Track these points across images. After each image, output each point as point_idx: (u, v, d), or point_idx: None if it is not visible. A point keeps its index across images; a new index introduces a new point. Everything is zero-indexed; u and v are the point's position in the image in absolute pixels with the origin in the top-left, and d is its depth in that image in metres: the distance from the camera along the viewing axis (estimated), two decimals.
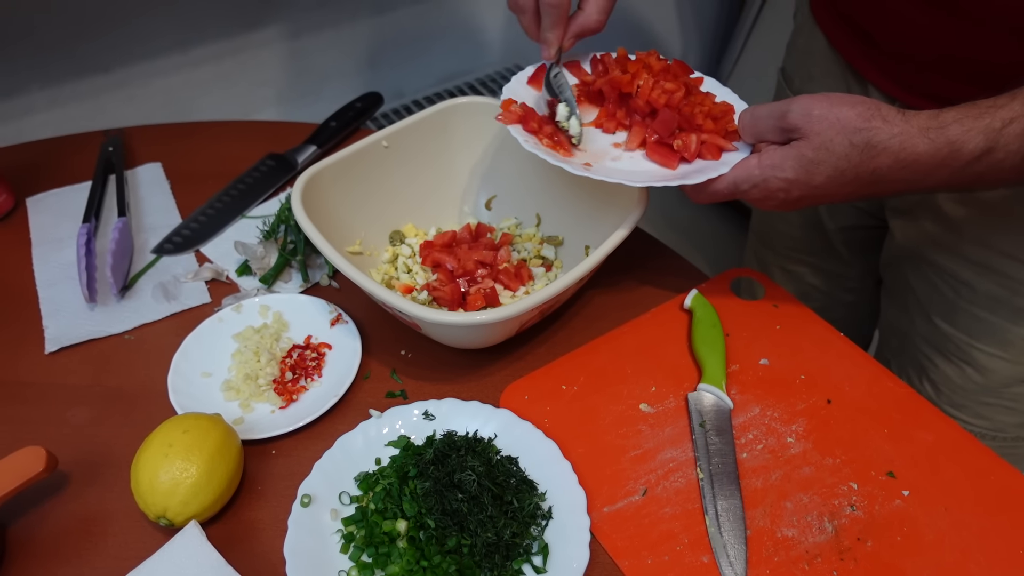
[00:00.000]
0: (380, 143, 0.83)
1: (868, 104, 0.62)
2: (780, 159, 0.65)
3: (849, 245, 1.05)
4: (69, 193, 0.99)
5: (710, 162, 0.72)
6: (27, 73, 1.24)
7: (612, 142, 0.77)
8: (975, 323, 0.84)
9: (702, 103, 0.75)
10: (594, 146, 0.76)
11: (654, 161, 0.74)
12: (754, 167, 0.67)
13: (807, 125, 0.63)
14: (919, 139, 0.59)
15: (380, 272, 0.85)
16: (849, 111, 0.61)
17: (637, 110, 0.76)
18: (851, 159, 0.61)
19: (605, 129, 0.78)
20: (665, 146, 0.73)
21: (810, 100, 0.63)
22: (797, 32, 1.00)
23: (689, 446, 0.69)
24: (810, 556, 0.61)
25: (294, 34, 1.49)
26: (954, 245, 0.83)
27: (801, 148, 0.63)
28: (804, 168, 0.63)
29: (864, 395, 0.73)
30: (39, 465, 0.62)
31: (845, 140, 0.61)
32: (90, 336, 0.80)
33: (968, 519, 0.64)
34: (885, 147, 0.60)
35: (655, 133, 0.74)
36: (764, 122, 0.67)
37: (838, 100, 0.62)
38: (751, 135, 0.70)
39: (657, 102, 0.74)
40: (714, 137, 0.72)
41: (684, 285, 0.83)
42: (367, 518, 0.62)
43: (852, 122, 0.61)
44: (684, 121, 0.73)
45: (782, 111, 0.65)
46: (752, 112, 0.70)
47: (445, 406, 0.71)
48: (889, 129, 0.60)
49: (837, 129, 0.61)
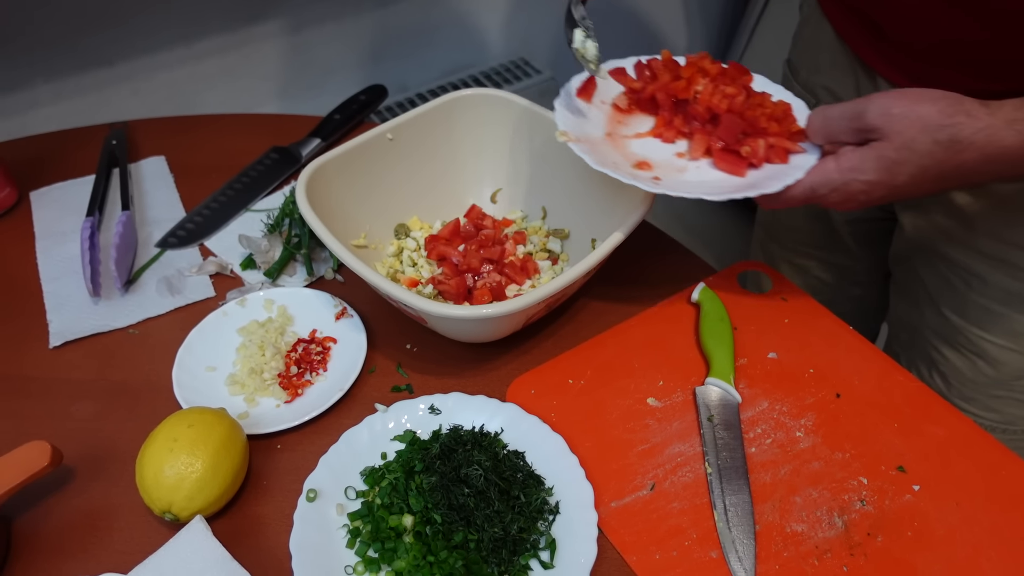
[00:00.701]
0: (385, 136, 0.83)
1: (950, 99, 0.59)
2: (860, 161, 0.62)
3: (857, 238, 1.04)
4: (73, 187, 0.99)
5: (779, 166, 0.69)
6: (31, 67, 1.24)
7: (674, 152, 0.74)
8: (986, 315, 0.83)
9: (763, 105, 0.72)
10: (657, 157, 0.73)
11: (721, 169, 0.71)
12: (832, 171, 0.64)
13: (887, 124, 0.60)
14: (1005, 132, 0.57)
15: (385, 266, 0.84)
16: (931, 107, 0.59)
17: (696, 116, 0.74)
18: (935, 156, 0.59)
19: (664, 138, 0.75)
20: (732, 153, 0.71)
21: (888, 98, 0.61)
22: (803, 23, 0.99)
23: (697, 440, 0.69)
24: (820, 551, 0.61)
25: (297, 27, 1.49)
26: (966, 238, 0.82)
27: (882, 149, 0.61)
28: (887, 169, 0.61)
29: (874, 389, 0.72)
30: (44, 460, 0.62)
31: (928, 138, 0.59)
32: (94, 330, 0.80)
33: (979, 514, 0.63)
34: (971, 142, 0.58)
35: (720, 140, 0.71)
36: (837, 123, 0.65)
37: (917, 96, 0.60)
38: (822, 137, 0.68)
39: (719, 107, 0.72)
40: (780, 140, 0.70)
41: (691, 278, 0.83)
42: (373, 513, 0.62)
43: (935, 119, 0.59)
44: (748, 126, 0.71)
45: (858, 111, 0.62)
46: (824, 113, 0.67)
47: (451, 400, 0.70)
48: (974, 124, 0.58)
49: (920, 127, 0.59)
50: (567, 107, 0.76)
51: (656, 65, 0.78)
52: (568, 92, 0.77)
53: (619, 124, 0.77)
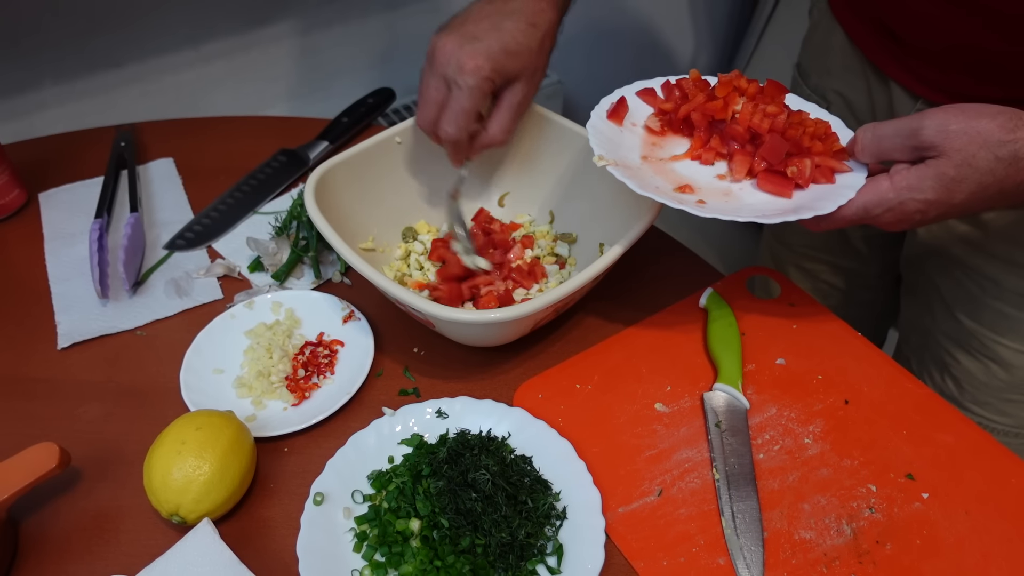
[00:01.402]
0: (393, 139, 0.83)
1: (1009, 114, 0.57)
2: (917, 179, 0.60)
3: (868, 242, 1.03)
4: (81, 188, 0.99)
5: (825, 187, 0.67)
6: (39, 69, 1.25)
7: (714, 174, 0.72)
8: (1000, 319, 0.83)
9: (804, 124, 0.70)
10: (697, 179, 0.71)
11: (767, 191, 0.69)
12: (887, 190, 0.62)
13: (945, 142, 0.58)
14: None
15: (393, 269, 0.84)
16: (990, 123, 0.57)
17: (736, 137, 0.71)
18: (996, 174, 0.57)
19: (703, 160, 0.73)
20: (777, 174, 0.69)
21: (945, 114, 0.59)
22: (814, 27, 0.99)
23: (705, 446, 0.69)
24: (828, 559, 0.60)
25: (306, 30, 1.49)
26: (980, 241, 0.81)
27: (940, 166, 0.59)
28: (945, 187, 0.59)
29: (882, 396, 0.72)
30: (52, 461, 0.62)
31: (990, 154, 0.57)
32: (102, 332, 0.80)
33: (989, 523, 0.63)
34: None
35: (764, 161, 0.69)
36: (890, 141, 0.63)
37: (976, 112, 0.58)
38: (872, 155, 0.65)
39: (760, 128, 0.70)
40: (826, 159, 0.68)
41: (699, 283, 0.83)
42: (380, 517, 0.62)
43: (995, 134, 0.57)
44: (792, 146, 0.69)
45: (913, 128, 0.60)
46: (874, 131, 0.65)
47: (458, 404, 0.70)
48: None
49: (979, 143, 0.57)
50: (599, 130, 0.73)
51: (686, 85, 0.76)
52: (599, 115, 0.75)
53: (654, 147, 0.75)
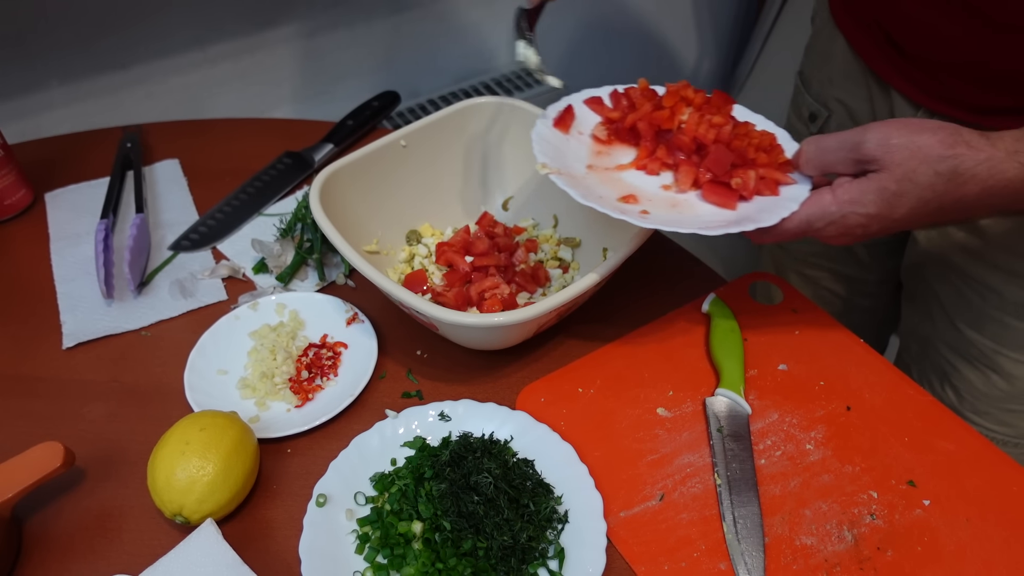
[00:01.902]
0: (398, 142, 0.83)
1: (949, 129, 0.58)
2: (859, 193, 0.60)
3: (869, 250, 1.04)
4: (87, 189, 1.00)
5: (770, 199, 0.67)
6: (46, 69, 1.25)
7: (660, 184, 0.72)
8: (1002, 329, 0.83)
9: (749, 135, 0.71)
10: (642, 189, 0.71)
11: (711, 202, 0.69)
12: (830, 203, 0.62)
13: (886, 156, 0.59)
14: (1007, 164, 0.56)
15: (397, 272, 0.85)
16: (931, 138, 0.58)
17: (681, 148, 0.71)
18: (936, 189, 0.58)
19: (648, 170, 0.73)
20: (722, 185, 0.69)
21: (887, 128, 0.59)
22: (816, 36, 0.99)
23: (707, 451, 0.69)
24: (829, 565, 0.61)
25: (311, 33, 1.50)
26: (981, 251, 0.81)
27: (882, 180, 0.59)
28: (886, 201, 0.59)
29: (884, 403, 0.72)
30: (56, 461, 0.62)
31: (930, 169, 0.57)
32: (107, 332, 0.81)
33: (990, 530, 0.63)
34: (973, 174, 0.57)
35: (708, 172, 0.69)
36: (834, 154, 0.63)
37: (917, 127, 0.59)
38: (816, 168, 0.66)
39: (705, 138, 0.70)
40: (770, 171, 0.68)
41: (702, 289, 0.83)
42: (382, 519, 0.62)
43: (935, 150, 0.57)
44: (737, 157, 0.69)
45: (856, 142, 0.60)
46: (817, 143, 0.65)
47: (461, 407, 0.71)
48: (975, 155, 0.57)
49: (920, 158, 0.57)
50: (545, 138, 0.73)
51: (634, 94, 0.76)
52: (545, 123, 0.75)
53: (600, 155, 0.74)
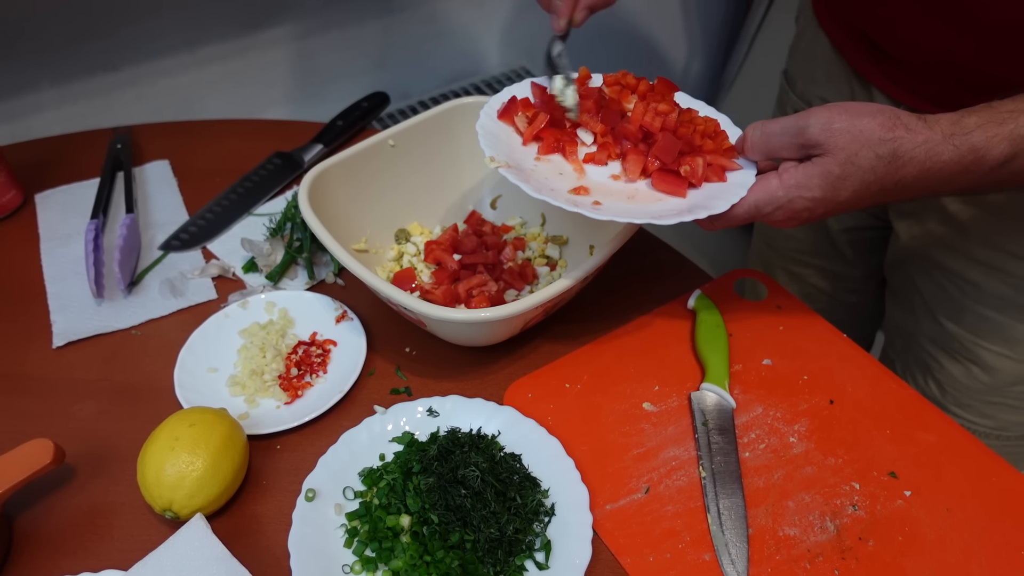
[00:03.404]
0: (387, 142, 0.84)
1: (888, 113, 0.60)
2: (805, 178, 0.62)
3: (853, 246, 1.05)
4: (77, 190, 1.00)
5: (718, 185, 0.68)
6: (36, 71, 1.25)
7: (609, 174, 0.71)
8: (982, 322, 0.84)
9: (694, 122, 0.71)
10: (592, 180, 0.70)
11: (661, 191, 0.69)
12: (776, 188, 0.63)
13: (829, 140, 0.60)
14: (943, 147, 0.58)
15: (386, 270, 0.85)
16: (871, 122, 0.59)
17: (629, 136, 0.71)
18: (877, 172, 0.60)
19: (597, 161, 0.72)
20: (671, 173, 0.68)
21: (829, 113, 0.61)
22: (800, 35, 1.01)
23: (692, 445, 0.70)
24: (812, 555, 0.61)
25: (301, 34, 1.50)
26: (961, 245, 0.83)
27: (826, 164, 0.61)
28: (831, 185, 0.61)
29: (867, 396, 0.73)
30: (47, 457, 0.62)
31: (871, 153, 0.59)
32: (97, 331, 0.81)
33: (970, 520, 0.64)
34: (911, 157, 0.59)
35: (657, 160, 0.69)
36: (778, 139, 0.64)
37: (857, 111, 0.60)
38: (760, 152, 0.67)
39: (652, 126, 0.70)
40: (717, 158, 0.69)
41: (688, 285, 0.84)
42: (371, 513, 0.62)
43: (875, 133, 0.59)
44: (684, 144, 0.69)
45: (799, 126, 0.62)
46: (763, 129, 0.66)
47: (449, 403, 0.71)
48: (913, 138, 0.58)
49: (861, 142, 0.59)
50: (490, 131, 0.71)
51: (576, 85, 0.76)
52: (489, 115, 0.73)
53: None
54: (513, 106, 0.75)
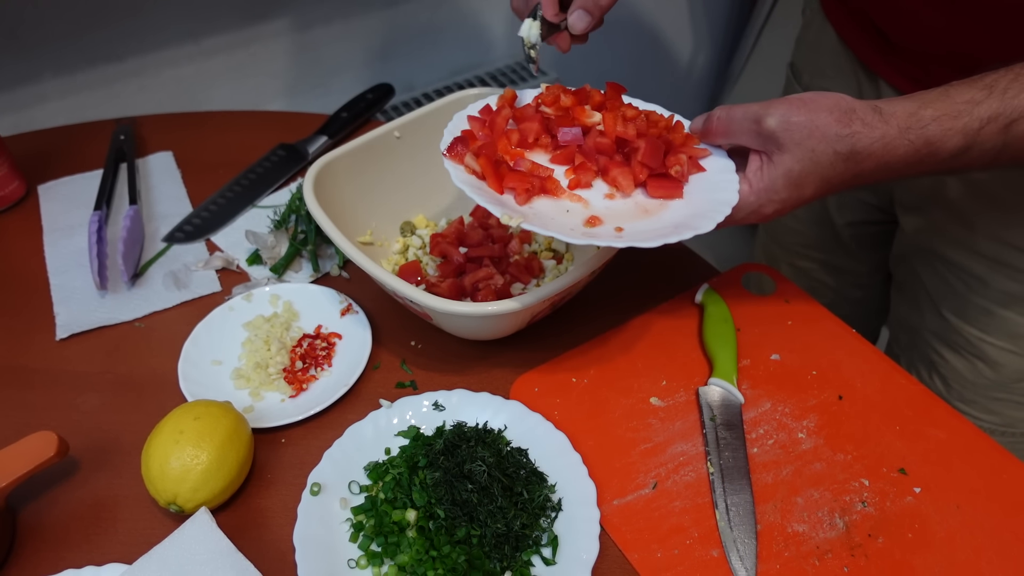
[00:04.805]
0: (392, 134, 0.83)
1: (843, 106, 0.60)
2: (771, 181, 0.63)
3: (858, 240, 1.04)
4: (81, 181, 1.00)
5: (704, 184, 0.67)
6: (40, 61, 1.25)
7: (603, 194, 0.67)
8: (987, 317, 0.84)
9: (656, 121, 0.70)
10: (595, 206, 0.66)
11: (659, 197, 0.67)
12: (748, 194, 0.65)
13: (785, 134, 0.61)
14: (899, 141, 0.59)
15: (391, 263, 0.85)
16: (827, 117, 0.60)
17: (604, 151, 0.68)
18: (836, 168, 0.61)
19: (583, 185, 0.68)
20: (662, 177, 0.67)
21: (788, 107, 0.61)
22: (806, 26, 1.00)
23: (699, 440, 0.69)
24: (821, 552, 0.61)
25: (305, 26, 1.49)
26: (966, 240, 0.82)
27: (787, 163, 0.62)
28: (794, 184, 0.63)
29: (876, 392, 0.73)
30: (50, 450, 0.62)
31: (829, 149, 0.60)
32: (101, 323, 0.81)
33: (980, 517, 0.63)
34: (869, 153, 0.60)
35: (646, 167, 0.67)
36: (739, 124, 0.65)
37: (815, 105, 0.61)
38: (723, 137, 0.67)
39: (627, 135, 0.68)
40: (691, 150, 0.69)
41: (695, 279, 0.83)
42: (376, 507, 0.62)
43: (832, 128, 0.59)
44: (664, 145, 0.68)
45: (759, 116, 0.62)
46: (728, 113, 0.66)
47: (455, 397, 0.71)
48: (870, 133, 0.59)
49: (819, 138, 0.60)
50: (471, 184, 0.64)
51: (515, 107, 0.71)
52: (459, 175, 0.65)
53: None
54: (457, 146, 0.67)
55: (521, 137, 0.69)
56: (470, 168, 0.66)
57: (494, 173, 0.65)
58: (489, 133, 0.69)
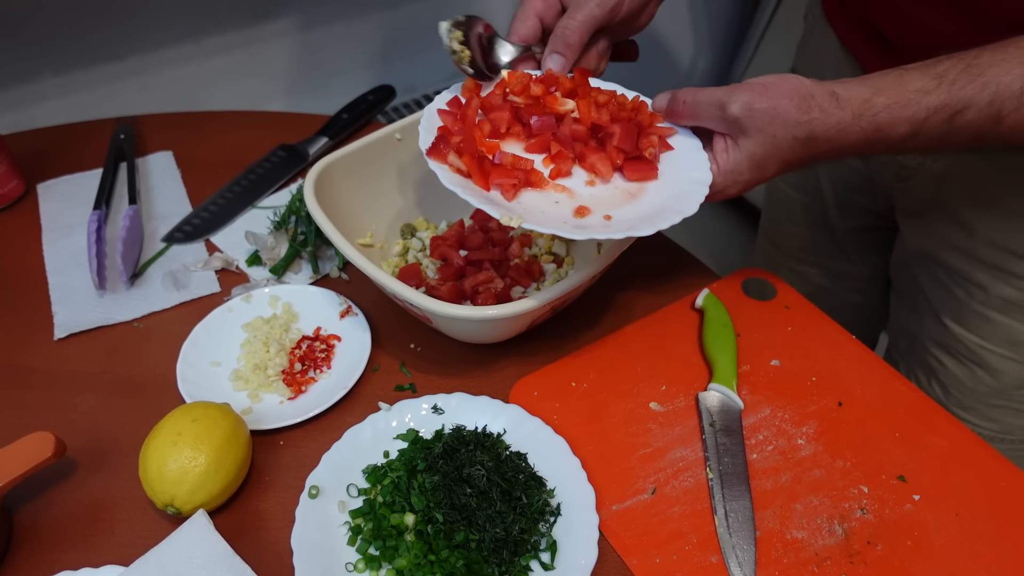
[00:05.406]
0: (393, 136, 0.83)
1: (802, 91, 0.63)
2: (735, 164, 0.67)
3: (858, 246, 1.04)
4: (80, 180, 0.99)
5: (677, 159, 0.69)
6: (39, 60, 1.24)
7: (584, 181, 0.67)
8: (986, 325, 0.84)
9: (623, 104, 0.70)
10: (582, 195, 0.66)
11: (636, 180, 0.68)
12: (716, 175, 0.68)
13: (748, 120, 0.64)
14: (852, 127, 0.62)
15: (391, 265, 0.85)
16: (788, 103, 0.62)
17: (579, 138, 0.68)
18: (795, 151, 0.64)
19: (564, 174, 0.67)
20: (637, 160, 0.68)
21: (751, 93, 0.64)
22: (808, 32, 1.00)
23: (699, 446, 0.69)
24: (819, 559, 0.61)
25: (306, 26, 1.49)
26: (967, 247, 0.82)
27: (750, 147, 0.65)
28: (757, 167, 0.66)
29: (875, 398, 0.73)
30: (47, 451, 0.62)
31: (788, 135, 0.63)
32: (99, 323, 0.80)
33: (979, 525, 0.63)
34: (825, 138, 0.63)
35: (622, 152, 0.67)
36: (704, 109, 0.67)
37: (775, 91, 0.63)
38: (689, 119, 0.70)
39: (601, 120, 0.68)
40: (656, 130, 0.70)
41: (695, 284, 0.83)
42: (375, 511, 0.62)
43: (792, 115, 0.62)
44: (636, 127, 0.68)
45: (723, 101, 0.65)
46: (694, 97, 0.68)
47: (454, 400, 0.71)
48: (827, 119, 0.62)
49: (779, 124, 0.63)
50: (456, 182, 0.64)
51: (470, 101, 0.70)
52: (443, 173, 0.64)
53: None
54: (439, 145, 0.66)
55: (493, 128, 0.69)
56: (454, 167, 0.65)
57: (479, 170, 0.64)
58: (462, 127, 0.68)
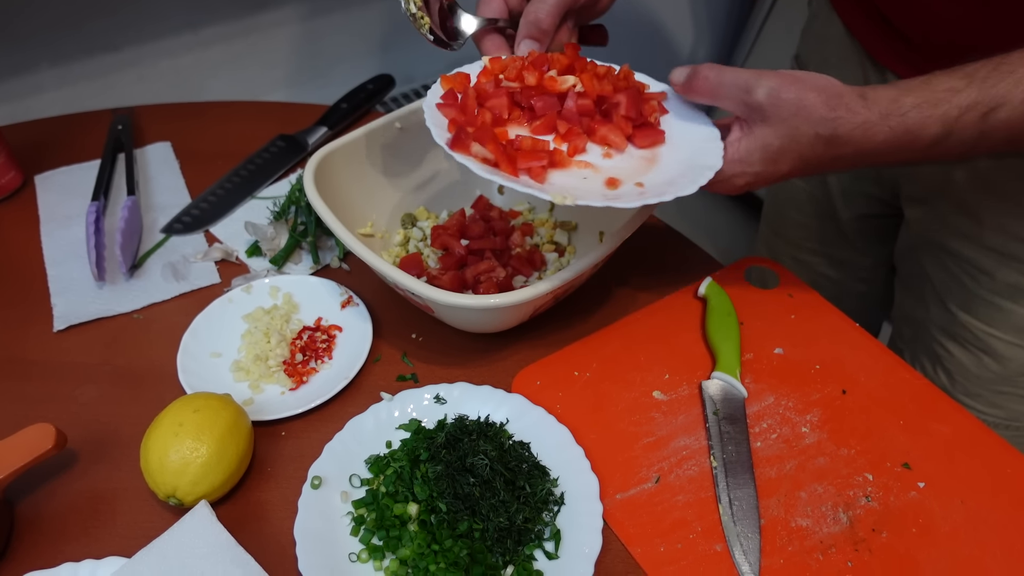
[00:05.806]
0: (393, 125, 0.82)
1: (831, 90, 0.60)
2: (746, 152, 0.63)
3: (863, 234, 1.04)
4: (78, 171, 0.99)
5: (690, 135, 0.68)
6: (36, 51, 1.24)
7: (601, 154, 0.67)
8: (993, 311, 0.83)
9: (618, 76, 0.70)
10: (605, 167, 0.66)
11: (645, 147, 0.67)
12: (724, 162, 0.65)
13: (772, 108, 0.61)
14: (880, 128, 0.59)
15: (392, 255, 0.84)
16: (816, 98, 0.59)
17: (585, 112, 0.67)
18: (816, 149, 0.61)
19: (580, 150, 0.67)
20: (646, 127, 0.68)
21: (780, 80, 0.61)
22: (813, 18, 0.99)
23: (703, 434, 0.69)
24: (824, 546, 0.61)
25: (305, 16, 1.48)
26: (973, 233, 0.82)
27: (766, 137, 0.62)
28: (771, 159, 0.63)
29: (879, 386, 0.72)
30: (48, 442, 0.61)
31: (811, 130, 0.60)
32: (99, 315, 0.80)
33: (984, 512, 0.63)
34: (849, 138, 0.60)
35: (629, 120, 0.67)
36: (727, 90, 0.64)
37: (805, 84, 0.60)
38: (708, 97, 0.66)
39: (606, 91, 0.68)
40: (652, 95, 0.70)
41: (698, 273, 0.83)
42: (378, 501, 0.62)
43: (818, 111, 0.59)
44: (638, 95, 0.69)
45: (749, 85, 0.62)
46: (718, 76, 0.65)
47: (457, 390, 0.70)
48: (853, 119, 0.59)
49: (803, 117, 0.60)
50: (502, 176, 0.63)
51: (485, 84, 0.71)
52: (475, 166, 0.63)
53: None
54: (461, 136, 0.64)
55: (495, 116, 0.68)
56: (480, 156, 0.64)
57: (505, 156, 0.63)
58: (466, 118, 0.67)
